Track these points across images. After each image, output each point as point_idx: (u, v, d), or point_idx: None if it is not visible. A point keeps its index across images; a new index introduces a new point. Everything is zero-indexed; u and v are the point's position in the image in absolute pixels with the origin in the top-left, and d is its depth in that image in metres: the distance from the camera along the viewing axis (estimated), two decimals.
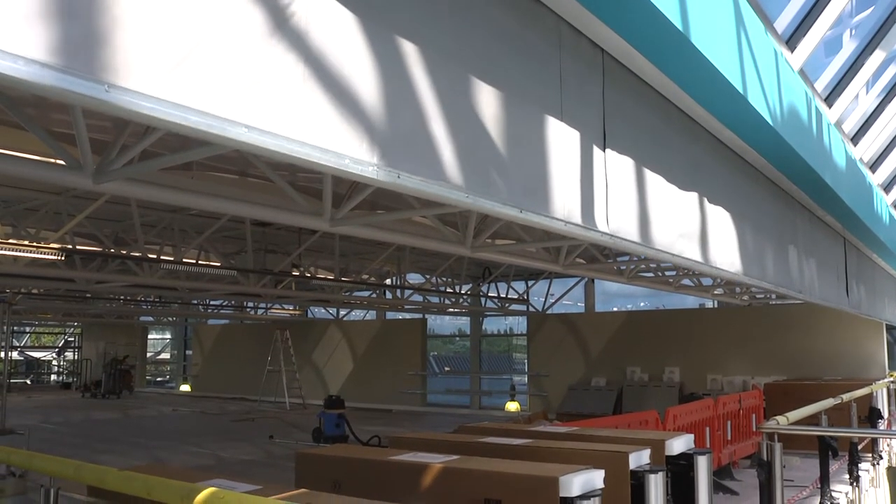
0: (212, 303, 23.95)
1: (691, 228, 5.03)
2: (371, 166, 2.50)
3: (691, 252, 4.96)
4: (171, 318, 31.17)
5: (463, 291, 19.60)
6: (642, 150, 4.31)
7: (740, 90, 4.54)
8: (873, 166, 10.40)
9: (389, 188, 2.67)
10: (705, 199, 5.25)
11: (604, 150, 3.85)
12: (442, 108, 2.82)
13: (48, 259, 10.46)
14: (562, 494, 3.32)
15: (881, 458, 9.72)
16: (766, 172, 6.67)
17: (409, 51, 2.68)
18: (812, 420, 6.79)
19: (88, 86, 1.75)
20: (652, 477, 4.02)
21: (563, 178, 3.49)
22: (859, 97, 9.02)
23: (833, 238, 9.60)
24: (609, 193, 3.86)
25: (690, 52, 3.84)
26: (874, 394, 10.25)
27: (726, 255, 5.58)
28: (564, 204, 3.49)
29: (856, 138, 9.43)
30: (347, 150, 2.41)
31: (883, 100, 9.48)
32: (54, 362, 37.42)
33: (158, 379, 35.68)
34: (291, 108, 2.23)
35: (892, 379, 12.19)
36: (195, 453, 13.21)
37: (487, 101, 3.05)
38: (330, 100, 2.35)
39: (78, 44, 1.73)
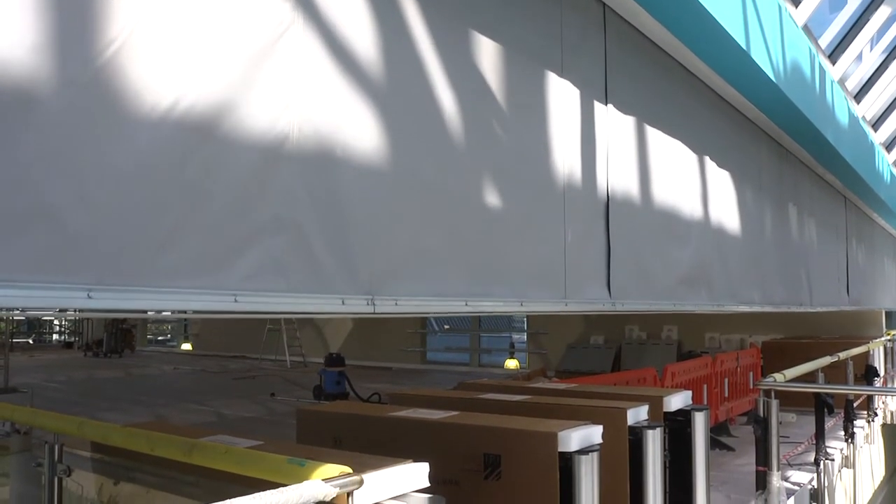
0: None
1: (700, 267, 5.02)
2: (368, 300, 2.41)
3: (694, 297, 4.94)
4: None
5: None
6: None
7: (743, 46, 4.48)
8: (875, 125, 10.33)
9: (388, 316, 2.59)
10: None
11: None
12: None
13: None
14: (560, 449, 3.36)
15: (876, 415, 9.82)
16: (767, 130, 6.62)
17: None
18: (809, 377, 6.85)
19: (68, 296, 1.65)
20: (650, 433, 4.05)
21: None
22: (863, 54, 8.92)
23: (834, 197, 9.58)
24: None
25: (694, 6, 3.79)
26: (871, 352, 10.31)
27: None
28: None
29: (859, 96, 9.35)
30: (342, 292, 2.33)
31: (887, 57, 9.38)
32: (56, 322, 37.59)
33: (160, 338, 35.86)
34: (278, 268, 2.14)
35: (888, 338, 12.25)
36: (197, 411, 13.34)
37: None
38: (319, 248, 2.26)
39: (52, 252, 1.62)
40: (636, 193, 4.13)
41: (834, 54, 8.13)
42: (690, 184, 4.95)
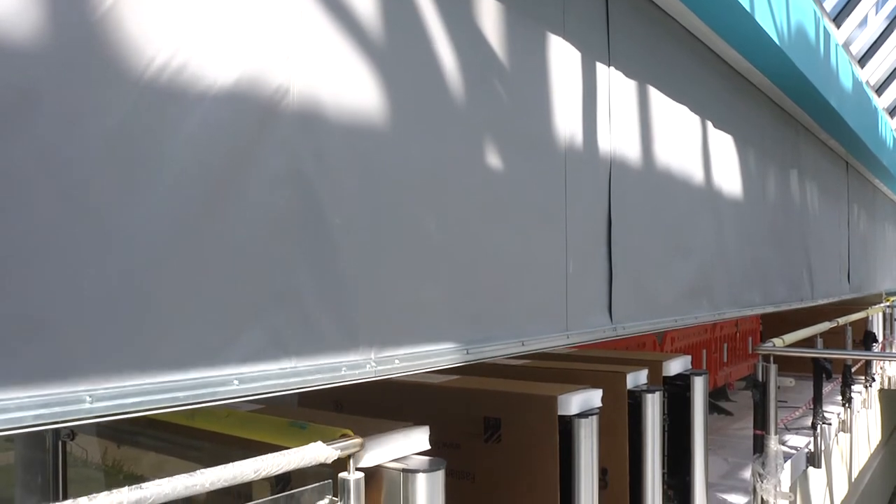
0: None
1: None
2: (370, 364, 2.30)
3: (696, 308, 4.82)
4: None
5: None
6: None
7: (747, 8, 4.43)
8: (879, 90, 10.26)
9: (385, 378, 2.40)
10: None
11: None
12: None
13: None
14: (560, 412, 3.38)
15: (874, 380, 9.89)
16: (770, 95, 6.56)
17: None
18: (807, 343, 6.89)
19: (68, 408, 1.55)
20: (649, 396, 4.08)
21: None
22: (868, 18, 8.83)
23: (836, 162, 9.54)
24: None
25: None
26: (870, 318, 10.36)
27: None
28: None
29: (863, 60, 9.27)
30: (342, 357, 2.21)
31: (892, 21, 9.29)
32: None
33: None
34: (281, 342, 2.03)
35: (888, 304, 12.29)
36: None
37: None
38: (319, 315, 2.14)
39: (48, 365, 1.53)
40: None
41: (839, 17, 8.05)
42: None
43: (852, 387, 8.65)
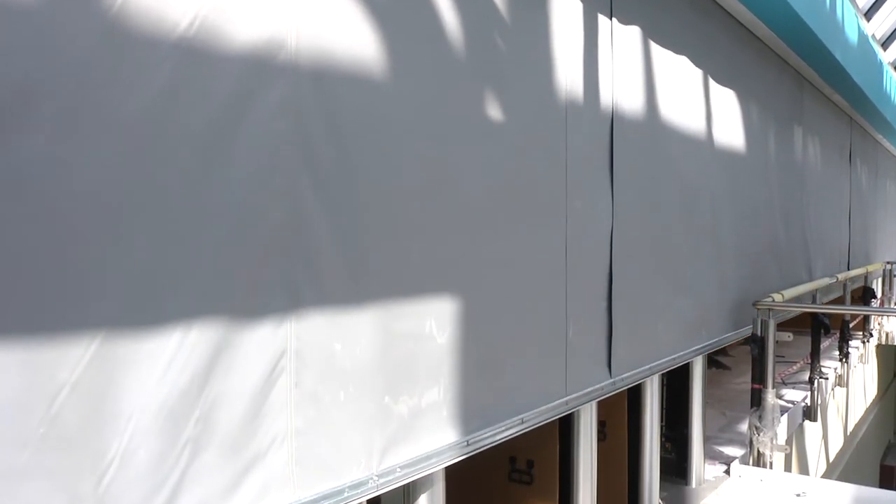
0: None
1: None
2: (372, 480, 2.21)
3: (692, 341, 4.64)
4: None
5: None
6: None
7: None
8: (885, 44, 10.12)
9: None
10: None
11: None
12: None
13: None
14: None
15: (871, 335, 9.93)
16: (775, 48, 6.48)
17: None
18: (807, 298, 6.90)
19: None
20: None
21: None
22: None
23: (839, 118, 9.45)
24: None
25: None
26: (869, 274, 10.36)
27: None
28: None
29: (869, 14, 9.13)
30: (345, 479, 2.13)
31: None
32: None
33: None
34: (283, 477, 1.98)
35: (888, 261, 12.29)
36: None
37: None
38: (322, 447, 2.08)
39: None
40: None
41: None
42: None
43: (850, 342, 8.70)
